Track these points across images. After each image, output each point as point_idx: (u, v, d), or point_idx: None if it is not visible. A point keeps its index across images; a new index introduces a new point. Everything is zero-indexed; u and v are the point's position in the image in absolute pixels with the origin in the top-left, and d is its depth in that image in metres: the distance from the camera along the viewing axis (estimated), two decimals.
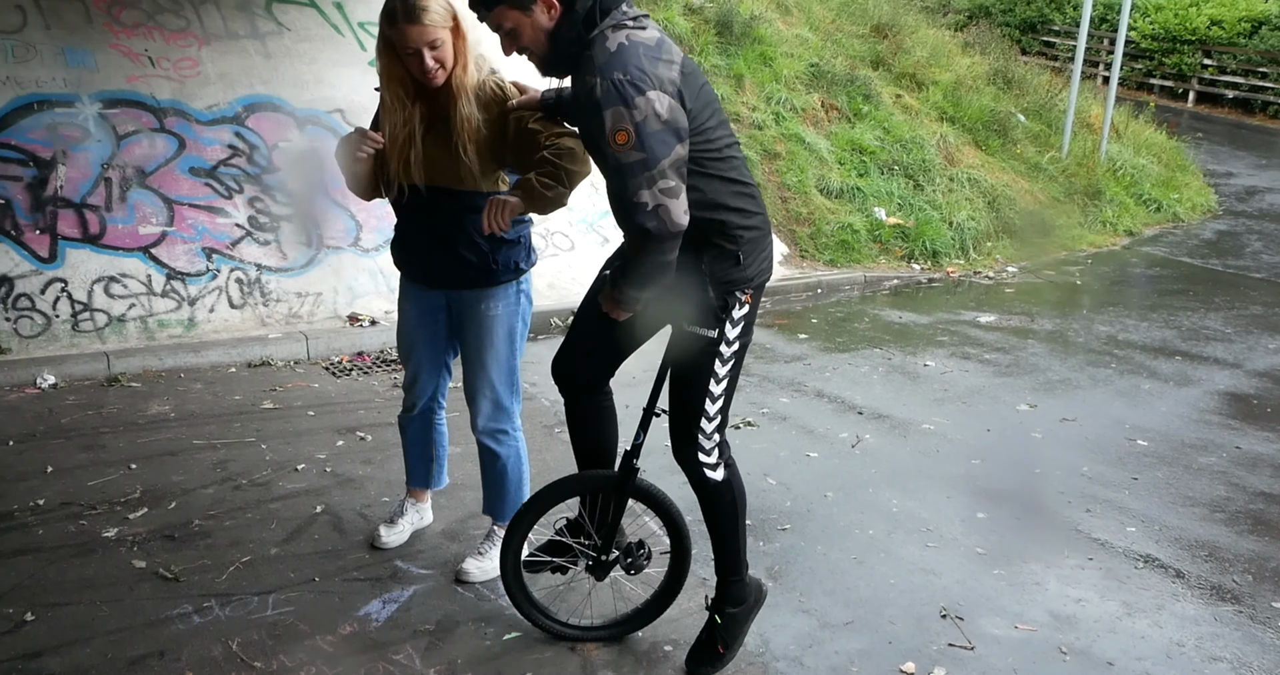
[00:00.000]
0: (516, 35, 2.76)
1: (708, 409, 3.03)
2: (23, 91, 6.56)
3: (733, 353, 2.99)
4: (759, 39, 11.56)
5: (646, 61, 2.62)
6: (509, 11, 2.72)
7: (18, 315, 6.15)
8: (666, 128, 2.61)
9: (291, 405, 5.67)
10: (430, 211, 3.38)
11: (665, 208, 2.63)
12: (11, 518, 4.18)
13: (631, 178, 2.63)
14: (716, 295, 2.89)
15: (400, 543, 4.00)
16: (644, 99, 2.58)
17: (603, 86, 2.59)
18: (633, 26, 2.69)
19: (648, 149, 2.59)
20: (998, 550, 4.24)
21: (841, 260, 9.71)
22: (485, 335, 3.54)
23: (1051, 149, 12.98)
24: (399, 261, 3.63)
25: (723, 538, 3.25)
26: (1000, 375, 6.76)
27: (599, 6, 2.69)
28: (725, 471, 3.16)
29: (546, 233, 7.98)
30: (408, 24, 3.06)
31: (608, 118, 2.59)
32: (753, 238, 2.92)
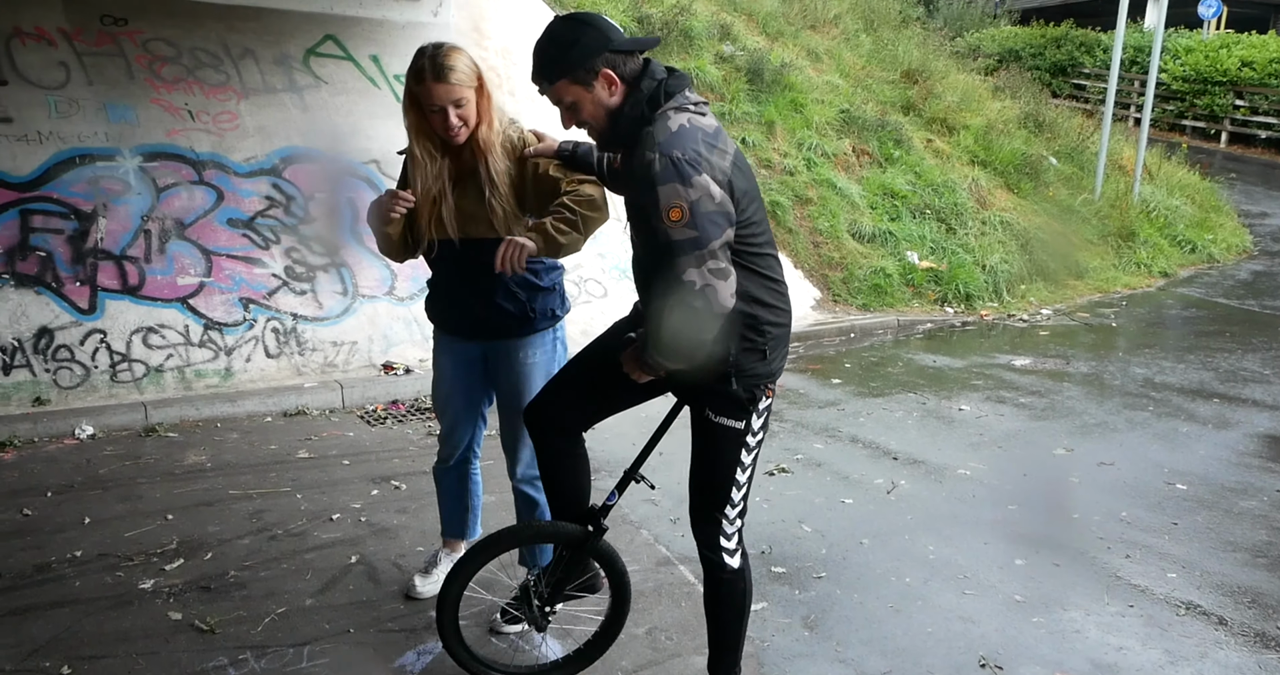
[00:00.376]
0: (576, 109, 2.79)
1: (733, 497, 3.03)
2: (65, 146, 6.71)
3: (757, 442, 3.01)
4: (790, 86, 11.64)
5: (704, 147, 2.65)
6: (571, 86, 2.74)
7: (57, 366, 6.24)
8: (719, 210, 2.63)
9: (326, 454, 5.70)
10: (466, 263, 3.40)
11: (713, 288, 2.64)
12: (49, 569, 4.21)
13: (682, 255, 2.63)
14: (744, 388, 2.90)
15: (435, 593, 3.98)
16: (700, 179, 2.60)
17: (661, 163, 2.60)
18: (694, 111, 2.72)
19: (700, 228, 2.60)
20: (1037, 597, 4.18)
21: (874, 304, 9.70)
22: (523, 383, 3.55)
23: (1084, 191, 12.96)
24: (434, 315, 3.66)
25: (725, 627, 3.21)
26: (1036, 419, 6.70)
27: (664, 88, 2.72)
28: (741, 560, 3.13)
29: (580, 280, 8.02)
30: (434, 82, 3.13)
31: (663, 194, 2.60)
32: (779, 334, 2.94)
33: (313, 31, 8.06)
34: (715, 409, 2.95)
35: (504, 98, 8.56)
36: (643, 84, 2.73)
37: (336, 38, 8.15)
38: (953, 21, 24.10)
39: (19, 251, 6.34)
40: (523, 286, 3.42)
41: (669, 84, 2.74)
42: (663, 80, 2.74)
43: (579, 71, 2.71)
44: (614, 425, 3.30)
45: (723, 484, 3.02)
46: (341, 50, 8.16)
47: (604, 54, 2.70)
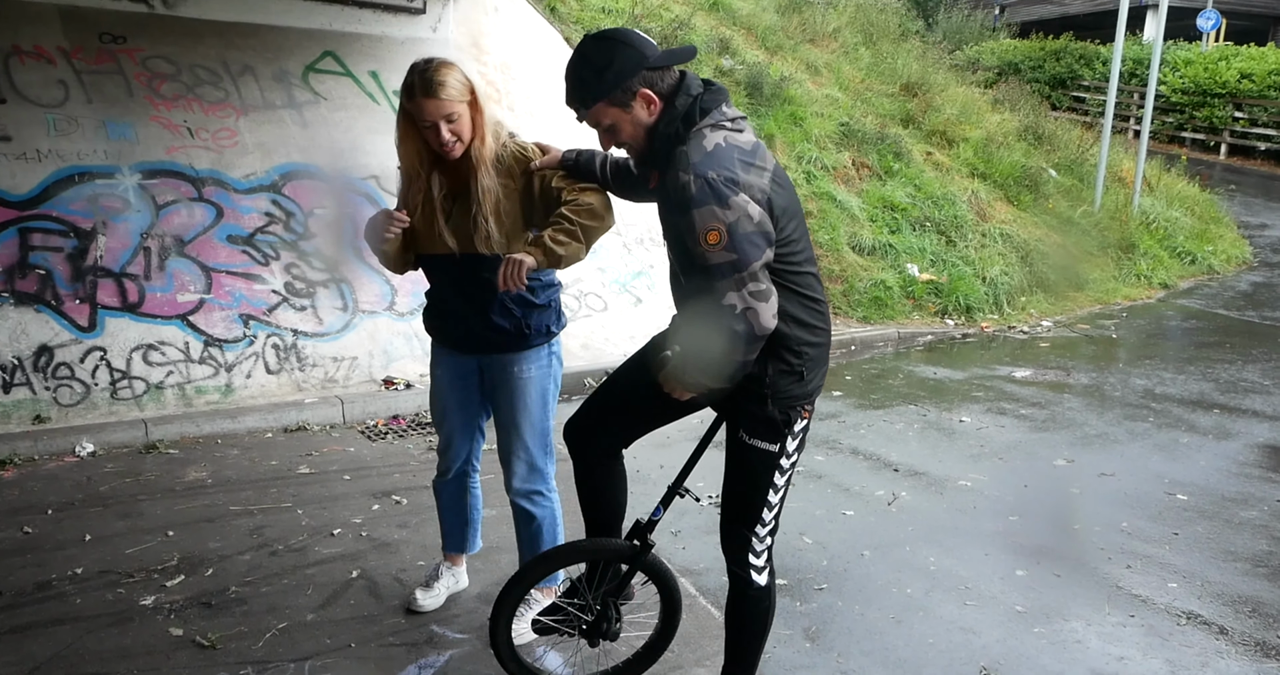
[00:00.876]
0: (616, 131, 2.74)
1: (764, 517, 2.98)
2: (64, 164, 6.72)
3: (791, 464, 2.95)
4: (789, 99, 11.68)
5: (740, 166, 2.59)
6: (609, 109, 2.69)
7: (57, 384, 6.24)
8: (758, 230, 2.57)
9: (327, 470, 5.70)
10: (463, 278, 3.40)
11: (754, 311, 2.59)
12: (50, 587, 4.21)
13: (721, 279, 2.58)
14: (779, 410, 2.85)
15: (437, 606, 3.99)
16: (738, 200, 2.54)
17: (696, 184, 2.54)
18: (731, 128, 2.66)
19: (739, 250, 2.55)
20: (1038, 608, 4.18)
21: (875, 317, 9.71)
22: (519, 398, 3.55)
23: (1084, 203, 12.98)
24: (431, 328, 3.67)
25: (745, 643, 3.17)
26: (1037, 430, 6.70)
27: (699, 106, 2.66)
28: (768, 578, 3.09)
29: (580, 294, 8.03)
30: (425, 98, 3.13)
31: (699, 216, 2.55)
32: (816, 355, 2.88)
33: (312, 48, 8.09)
34: (749, 431, 2.91)
35: (503, 112, 8.59)
36: (677, 101, 2.67)
37: (335, 54, 8.18)
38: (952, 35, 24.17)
39: (18, 270, 6.35)
40: (518, 304, 3.42)
41: (705, 100, 2.68)
42: (698, 96, 2.68)
43: (616, 93, 2.66)
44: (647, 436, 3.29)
45: (753, 504, 2.97)
46: (341, 66, 8.19)
47: (641, 73, 2.65)
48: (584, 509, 3.35)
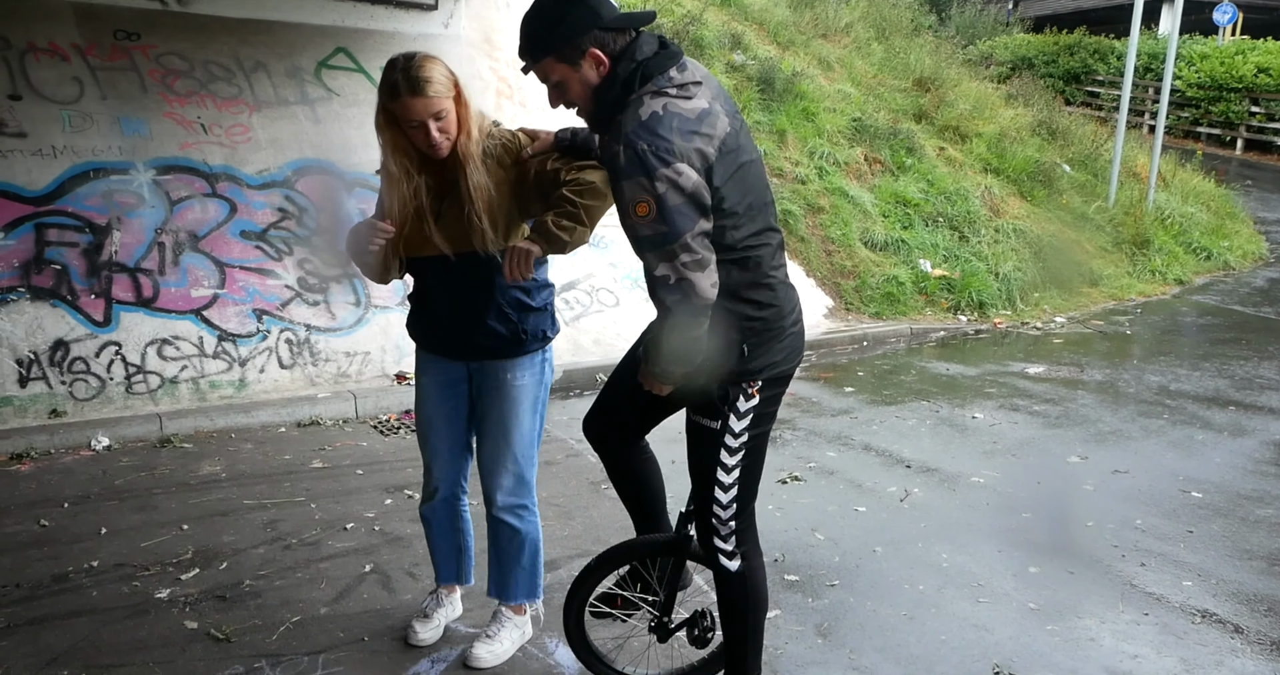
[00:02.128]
0: (563, 89, 2.66)
1: (719, 498, 2.87)
2: (79, 160, 6.76)
3: (741, 444, 2.82)
4: (801, 94, 11.66)
5: (677, 134, 2.48)
6: (557, 65, 2.61)
7: (73, 378, 6.28)
8: (689, 201, 2.48)
9: (340, 464, 5.72)
10: (456, 280, 3.25)
11: (689, 282, 2.51)
12: (67, 579, 4.24)
13: (651, 250, 2.53)
14: (719, 387, 2.75)
15: (436, 639, 3.77)
16: (668, 171, 2.44)
17: (626, 155, 2.47)
18: (675, 94, 2.54)
19: (669, 222, 2.47)
20: (1051, 605, 4.17)
21: (887, 312, 9.69)
22: (510, 407, 3.38)
23: (1098, 198, 12.93)
24: (418, 334, 3.49)
25: (730, 634, 3.07)
26: (1050, 427, 6.68)
27: (640, 71, 2.55)
28: (742, 563, 2.97)
29: (592, 289, 8.03)
30: (411, 97, 2.96)
31: (627, 188, 2.48)
32: (762, 329, 2.74)
33: (324, 44, 8.11)
34: (692, 407, 2.86)
35: (516, 109, 8.61)
36: (619, 66, 2.57)
37: (348, 50, 8.20)
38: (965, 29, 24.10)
39: (34, 265, 6.39)
40: (514, 307, 3.27)
41: (649, 65, 2.56)
42: (642, 61, 2.56)
43: (565, 50, 2.58)
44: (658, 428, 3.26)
45: (705, 484, 2.89)
46: (353, 62, 8.21)
47: (593, 32, 2.55)
48: (625, 501, 3.30)
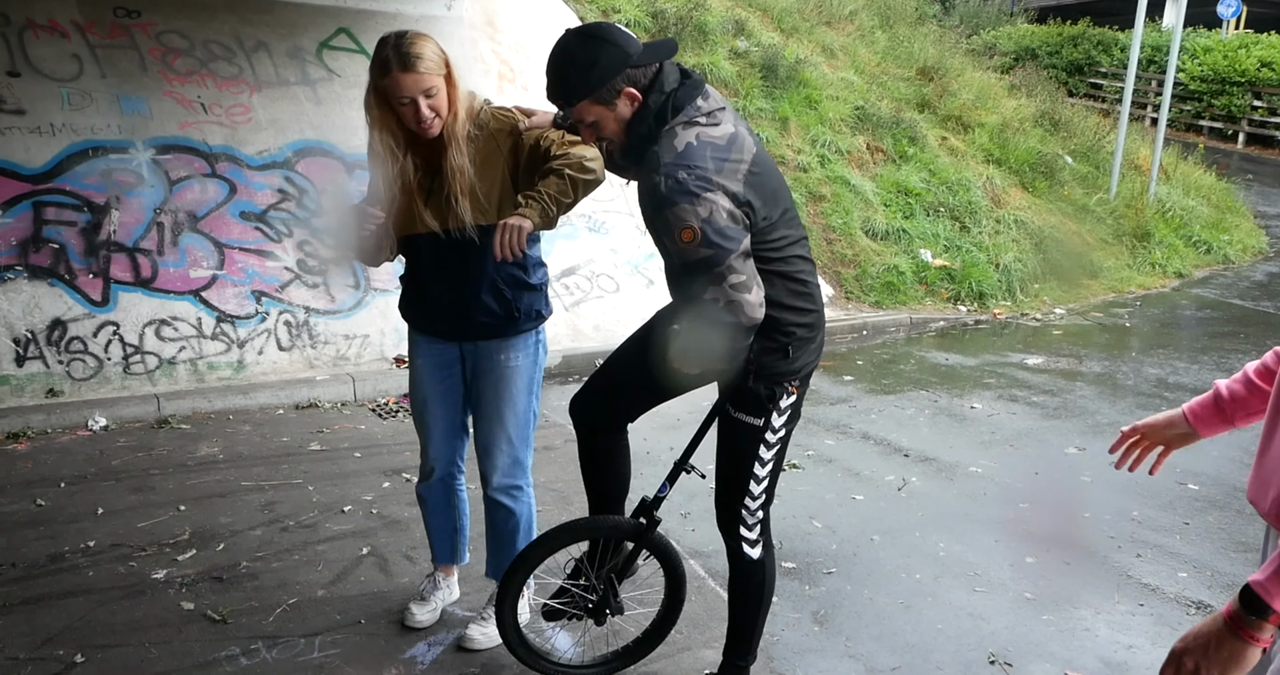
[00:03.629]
0: (598, 128, 2.71)
1: (752, 490, 3.01)
2: (78, 138, 6.73)
3: (778, 439, 2.96)
4: (804, 82, 11.62)
5: (713, 162, 2.57)
6: (593, 107, 2.65)
7: (70, 358, 6.26)
8: (731, 223, 2.57)
9: (338, 447, 5.71)
10: (447, 258, 3.23)
11: (738, 303, 2.59)
12: (63, 559, 4.23)
13: (701, 274, 2.59)
14: (764, 386, 2.86)
15: (434, 622, 3.79)
16: (709, 196, 2.53)
17: (667, 184, 2.54)
18: (705, 123, 2.63)
19: (715, 246, 2.54)
20: (1047, 595, 4.17)
21: (887, 302, 9.68)
22: (505, 387, 3.38)
23: (1099, 191, 12.91)
24: (411, 313, 3.49)
25: (742, 617, 3.21)
26: (1048, 418, 6.68)
27: (672, 103, 2.64)
28: (763, 552, 3.13)
29: (592, 275, 8.01)
30: (402, 72, 2.95)
31: (672, 216, 2.55)
32: (804, 334, 2.88)
33: (326, 24, 8.07)
34: (735, 404, 2.93)
35: (518, 92, 8.57)
36: (650, 98, 2.64)
37: (350, 31, 8.16)
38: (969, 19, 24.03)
39: (32, 243, 6.37)
40: (510, 285, 3.26)
41: (677, 97, 2.65)
42: (671, 93, 2.65)
43: (601, 92, 2.62)
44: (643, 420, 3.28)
45: (741, 478, 3.00)
46: (355, 43, 8.17)
47: (625, 71, 2.61)
48: (587, 484, 3.34)
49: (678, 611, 3.38)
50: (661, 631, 3.42)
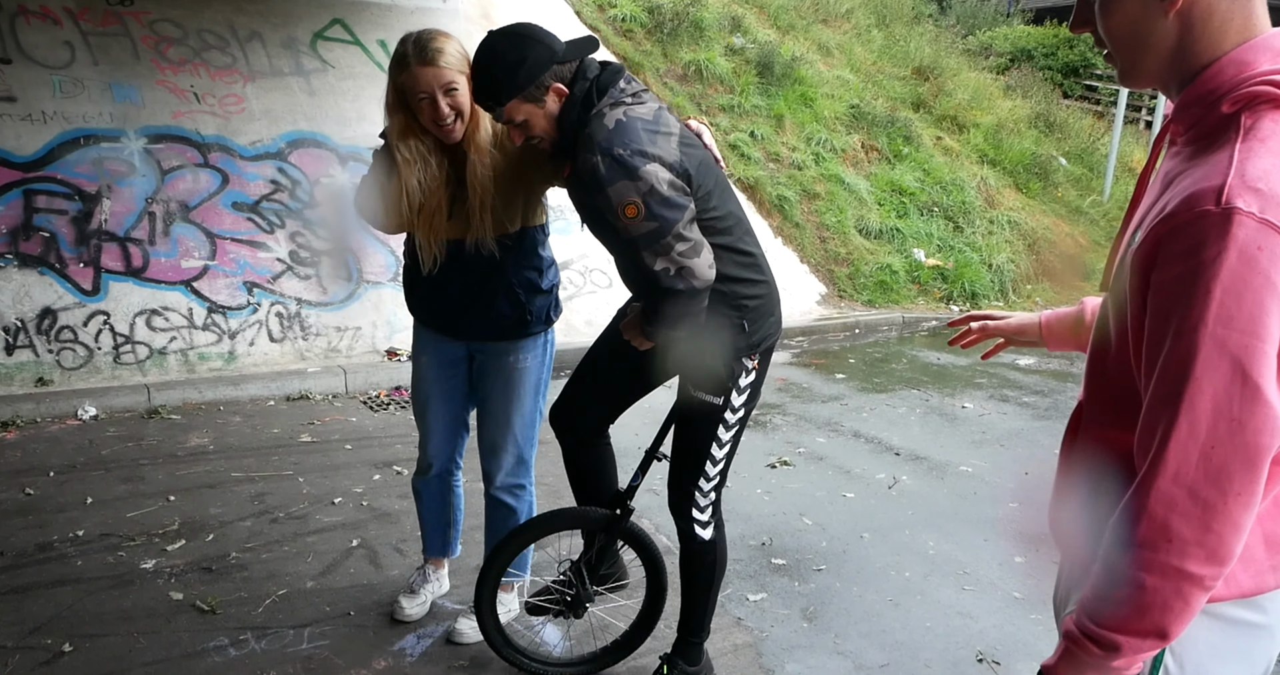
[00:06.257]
0: (528, 126, 2.73)
1: (707, 470, 3.03)
2: (70, 126, 6.70)
3: (738, 419, 2.99)
4: (800, 80, 11.63)
5: (645, 135, 2.62)
6: (523, 105, 2.68)
7: (60, 347, 6.24)
8: (673, 192, 2.62)
9: (329, 439, 5.70)
10: (472, 263, 3.16)
11: (688, 268, 2.65)
12: (51, 548, 4.22)
13: (646, 248, 2.63)
14: (723, 364, 2.89)
15: (422, 614, 3.79)
16: (647, 168, 2.58)
17: (605, 163, 2.57)
18: (630, 103, 2.69)
19: (659, 217, 2.60)
20: (1035, 595, 4.17)
21: (880, 300, 9.69)
22: (513, 388, 3.36)
23: (1093, 192, 12.94)
24: (419, 310, 3.43)
25: (694, 596, 3.25)
26: (1039, 418, 6.69)
27: (595, 88, 2.69)
28: (714, 532, 3.16)
29: (585, 270, 8.01)
30: (421, 66, 2.87)
31: (613, 193, 2.59)
32: (756, 305, 2.91)
33: (320, 15, 8.05)
34: (695, 384, 2.95)
35: None
36: (575, 88, 2.68)
37: (344, 22, 8.14)
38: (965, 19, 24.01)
39: (22, 232, 6.34)
40: (526, 289, 3.24)
41: (600, 82, 2.70)
42: (594, 79, 2.70)
43: (530, 89, 2.65)
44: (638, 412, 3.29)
45: (698, 458, 3.02)
46: (349, 35, 8.15)
47: (552, 67, 2.65)
48: (574, 488, 3.36)
49: (662, 601, 3.39)
50: (648, 623, 3.43)
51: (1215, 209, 1.29)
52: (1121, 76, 1.52)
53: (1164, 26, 1.42)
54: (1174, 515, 1.34)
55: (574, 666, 3.44)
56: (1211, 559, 1.34)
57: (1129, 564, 1.37)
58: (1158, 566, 1.35)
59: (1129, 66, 1.50)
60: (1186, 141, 1.47)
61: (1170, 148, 1.53)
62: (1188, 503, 1.33)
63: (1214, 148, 1.38)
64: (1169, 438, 1.33)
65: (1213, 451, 1.32)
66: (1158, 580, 1.35)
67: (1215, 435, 1.32)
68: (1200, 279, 1.29)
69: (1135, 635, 1.40)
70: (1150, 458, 1.36)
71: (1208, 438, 1.32)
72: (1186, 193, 1.34)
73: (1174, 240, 1.33)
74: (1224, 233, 1.28)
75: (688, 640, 3.30)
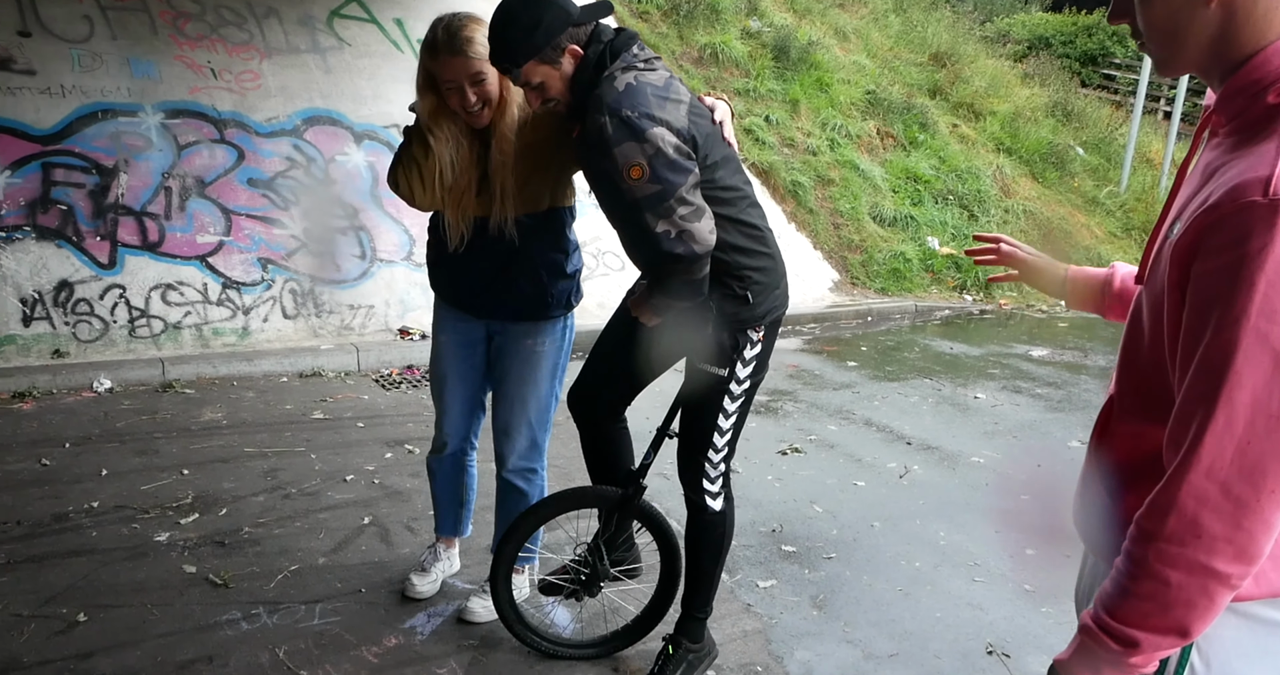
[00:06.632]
0: (545, 89, 2.75)
1: (715, 442, 3.06)
2: (88, 100, 6.71)
3: (743, 391, 3.01)
4: (816, 64, 11.58)
5: (654, 100, 2.65)
6: (539, 67, 2.70)
7: (76, 320, 6.26)
8: (679, 156, 2.64)
9: (341, 416, 5.72)
10: (494, 241, 3.17)
11: (688, 232, 2.67)
12: (67, 519, 4.24)
13: (649, 210, 2.65)
14: (728, 335, 2.91)
15: (433, 592, 3.80)
16: (654, 132, 2.60)
17: (613, 123, 2.60)
18: (642, 68, 2.71)
19: (664, 179, 2.62)
20: (1046, 588, 4.17)
21: (893, 288, 9.67)
22: (529, 371, 3.37)
23: (1110, 183, 12.88)
24: (442, 287, 3.44)
25: (701, 569, 3.27)
26: (1052, 410, 6.68)
27: (609, 50, 2.70)
28: (724, 503, 3.18)
29: (598, 252, 8.01)
30: (449, 56, 2.92)
31: (619, 154, 2.61)
32: (761, 278, 2.93)
33: None
34: (699, 356, 2.98)
35: None
36: (589, 50, 2.70)
37: (361, 0, 8.12)
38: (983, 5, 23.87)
39: (40, 204, 6.36)
40: (549, 270, 3.25)
41: (614, 45, 2.71)
42: (608, 42, 2.71)
43: (546, 51, 2.67)
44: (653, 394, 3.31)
45: (705, 430, 3.05)
46: (366, 13, 8.13)
47: (568, 29, 2.67)
48: (592, 470, 3.38)
49: (676, 581, 3.40)
50: (662, 605, 3.44)
51: (1262, 200, 1.26)
52: (1160, 67, 1.50)
53: (1206, 16, 1.38)
54: (1205, 510, 1.32)
55: (586, 648, 3.46)
56: (1240, 557, 1.32)
57: (1153, 558, 1.35)
58: (1184, 562, 1.33)
59: (1169, 56, 1.47)
60: (1229, 132, 1.44)
61: (1211, 139, 1.50)
62: (1220, 498, 1.31)
63: (1259, 138, 1.35)
64: (1204, 431, 1.31)
65: (1249, 447, 1.30)
66: (1183, 576, 1.34)
67: (1253, 430, 1.29)
68: (1244, 271, 1.27)
69: (1155, 632, 1.39)
70: (1183, 451, 1.33)
71: (1245, 432, 1.30)
72: (1231, 184, 1.31)
73: (1217, 232, 1.31)
74: (1270, 224, 1.25)
75: (693, 616, 3.32)
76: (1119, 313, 2.01)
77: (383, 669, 3.32)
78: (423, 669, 3.34)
